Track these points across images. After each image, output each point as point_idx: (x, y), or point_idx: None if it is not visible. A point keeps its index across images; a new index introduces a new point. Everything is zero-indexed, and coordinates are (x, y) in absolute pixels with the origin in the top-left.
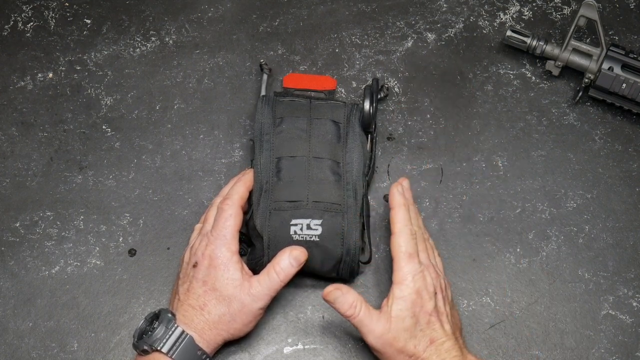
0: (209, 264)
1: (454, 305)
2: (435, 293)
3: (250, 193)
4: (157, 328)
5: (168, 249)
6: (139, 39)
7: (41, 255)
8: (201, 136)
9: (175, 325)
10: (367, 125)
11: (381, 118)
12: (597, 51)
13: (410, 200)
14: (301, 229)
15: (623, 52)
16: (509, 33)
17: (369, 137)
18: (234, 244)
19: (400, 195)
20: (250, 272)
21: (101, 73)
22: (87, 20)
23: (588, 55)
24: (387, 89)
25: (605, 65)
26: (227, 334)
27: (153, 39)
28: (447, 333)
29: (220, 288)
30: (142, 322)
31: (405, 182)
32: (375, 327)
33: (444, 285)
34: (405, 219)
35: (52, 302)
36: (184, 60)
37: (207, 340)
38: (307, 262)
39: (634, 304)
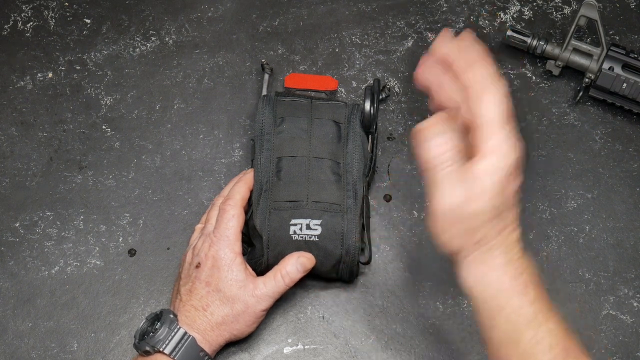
0: (212, 264)
1: None
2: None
3: (251, 193)
4: (159, 329)
5: (168, 249)
6: (138, 39)
7: (41, 255)
8: (201, 136)
9: (178, 326)
10: (368, 126)
11: (381, 118)
12: (598, 51)
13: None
14: (300, 229)
15: (624, 52)
16: (509, 33)
17: (370, 138)
18: (237, 245)
19: (469, 36)
20: (253, 273)
21: (101, 73)
22: (87, 20)
23: (588, 55)
24: (389, 89)
25: (606, 65)
26: (230, 335)
27: (153, 38)
28: (517, 220)
29: (223, 289)
30: (143, 322)
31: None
32: (454, 194)
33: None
34: (488, 75)
35: (52, 302)
36: (184, 60)
37: (209, 342)
38: None
39: (635, 304)
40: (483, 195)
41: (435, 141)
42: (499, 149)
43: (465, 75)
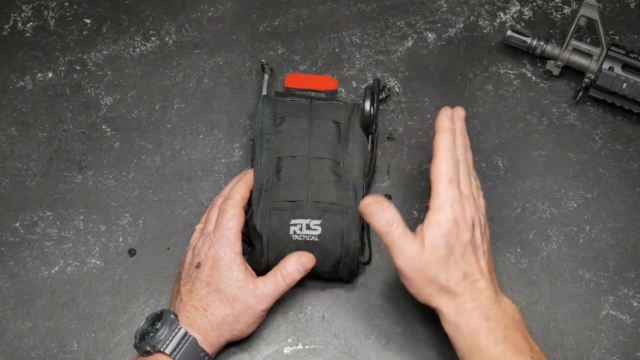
0: (212, 264)
1: (491, 247)
2: (474, 225)
3: (251, 193)
4: (160, 329)
5: (168, 249)
6: (138, 39)
7: (41, 255)
8: (201, 136)
9: (179, 326)
10: (368, 126)
11: (381, 118)
12: (598, 51)
13: (460, 129)
14: (300, 229)
15: (623, 52)
16: (509, 33)
17: (370, 138)
18: (237, 245)
19: (447, 120)
20: (254, 273)
21: (101, 73)
22: (86, 20)
23: (588, 55)
24: (389, 89)
25: (606, 65)
26: (230, 335)
27: (153, 38)
28: (482, 270)
29: (224, 289)
30: (143, 322)
31: (460, 112)
32: (408, 249)
33: (484, 222)
34: (449, 143)
35: (52, 302)
36: (184, 60)
37: (210, 342)
38: None
39: (635, 304)
40: (431, 247)
41: (381, 211)
42: (440, 207)
43: (435, 138)
